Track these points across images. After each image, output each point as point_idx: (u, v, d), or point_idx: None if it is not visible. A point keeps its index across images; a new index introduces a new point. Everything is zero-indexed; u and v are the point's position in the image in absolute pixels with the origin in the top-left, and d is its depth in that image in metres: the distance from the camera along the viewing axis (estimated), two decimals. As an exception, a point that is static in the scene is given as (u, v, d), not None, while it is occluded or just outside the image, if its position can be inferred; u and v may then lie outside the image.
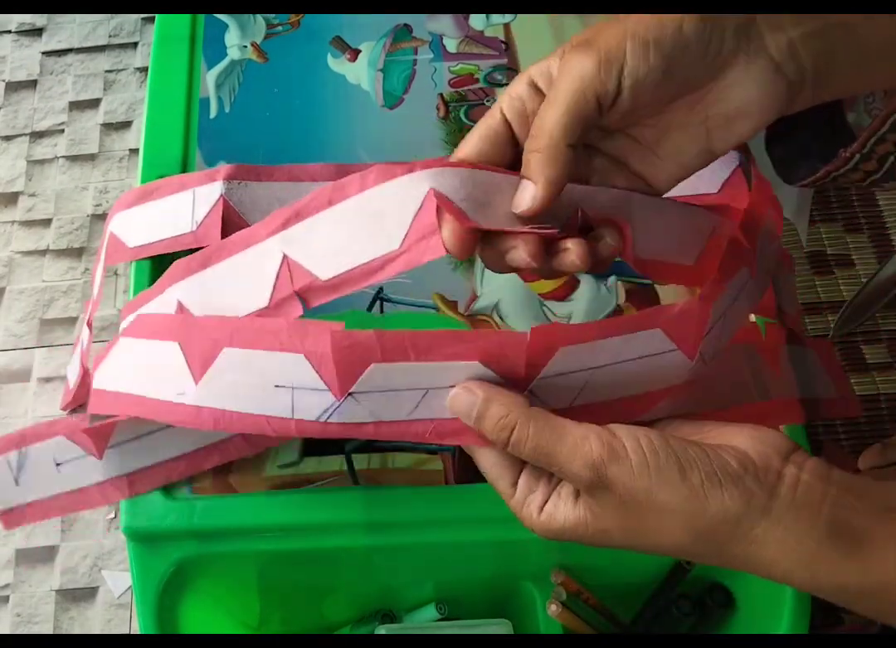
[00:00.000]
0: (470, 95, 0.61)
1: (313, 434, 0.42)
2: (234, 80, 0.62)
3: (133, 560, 0.48)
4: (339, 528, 0.48)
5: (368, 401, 0.41)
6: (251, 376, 0.42)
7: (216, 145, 0.59)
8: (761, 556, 0.36)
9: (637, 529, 0.37)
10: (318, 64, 0.63)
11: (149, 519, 0.48)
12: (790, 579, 0.36)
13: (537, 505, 0.39)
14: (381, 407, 0.41)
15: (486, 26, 0.64)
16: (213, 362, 0.43)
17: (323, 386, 0.41)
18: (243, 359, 0.42)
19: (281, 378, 0.41)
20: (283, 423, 0.42)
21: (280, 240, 0.42)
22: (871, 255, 0.86)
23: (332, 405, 0.41)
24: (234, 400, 0.43)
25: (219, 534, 0.47)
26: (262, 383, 0.42)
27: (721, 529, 0.36)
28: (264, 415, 0.42)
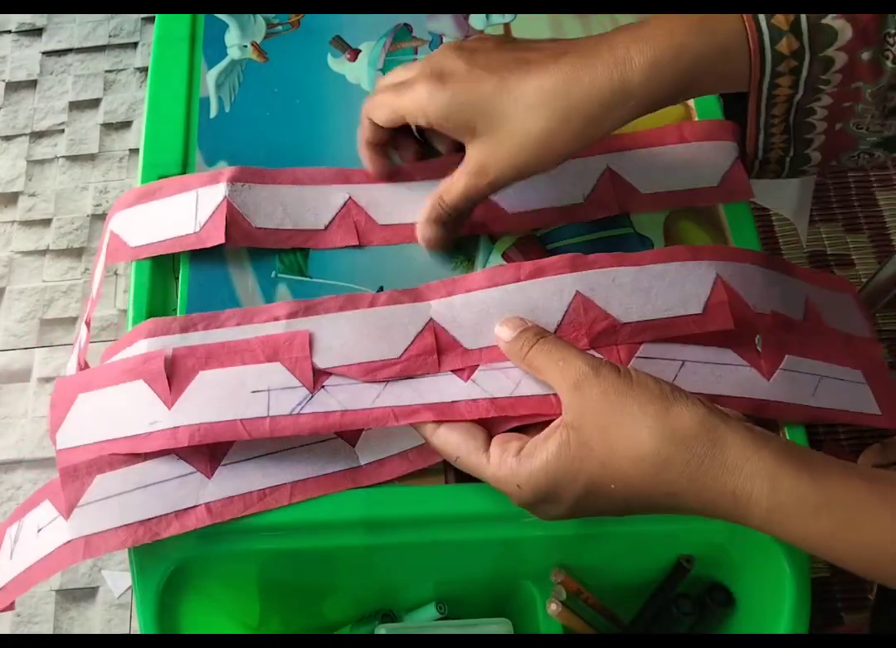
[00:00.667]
0: (470, 95, 0.61)
1: (285, 430, 0.46)
2: (234, 79, 0.62)
3: (133, 561, 0.48)
4: (338, 528, 0.48)
5: (338, 392, 0.47)
6: (228, 388, 0.47)
7: (216, 145, 0.59)
8: (723, 459, 0.40)
9: (612, 432, 0.41)
10: (318, 63, 0.63)
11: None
12: (751, 490, 0.39)
13: (515, 449, 0.44)
14: (349, 397, 0.47)
15: (486, 26, 0.64)
16: (188, 386, 0.47)
17: (297, 384, 0.47)
18: (220, 377, 0.47)
19: (258, 384, 0.47)
20: (258, 424, 0.46)
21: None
22: (871, 255, 0.86)
23: (305, 398, 0.46)
24: (210, 412, 0.46)
25: (219, 534, 0.47)
26: (239, 391, 0.47)
27: (687, 428, 0.40)
28: (238, 420, 0.46)
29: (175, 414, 0.46)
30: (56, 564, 0.46)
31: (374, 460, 0.48)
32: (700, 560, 0.53)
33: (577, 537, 0.50)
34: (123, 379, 0.48)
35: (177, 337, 0.49)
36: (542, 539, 0.50)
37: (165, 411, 0.46)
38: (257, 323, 0.49)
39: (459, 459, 0.45)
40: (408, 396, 0.47)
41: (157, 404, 0.46)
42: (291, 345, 0.48)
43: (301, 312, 0.49)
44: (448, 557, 0.52)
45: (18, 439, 0.87)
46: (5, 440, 0.87)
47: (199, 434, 0.45)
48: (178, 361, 0.47)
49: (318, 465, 0.47)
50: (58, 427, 0.48)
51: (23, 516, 0.49)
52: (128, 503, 0.46)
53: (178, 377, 0.47)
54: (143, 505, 0.45)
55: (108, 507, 0.45)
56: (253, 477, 0.47)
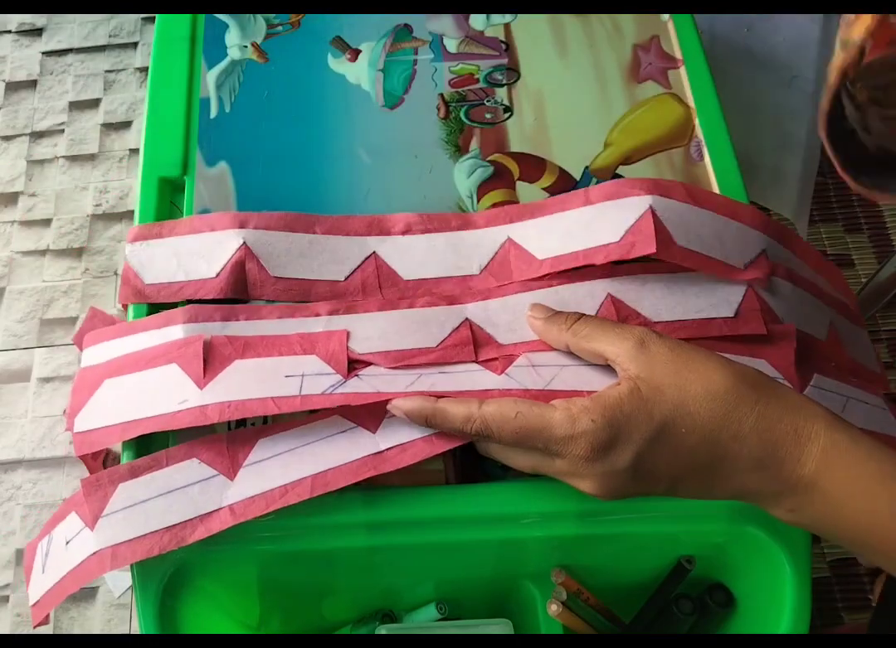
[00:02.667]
0: (470, 95, 0.61)
1: (317, 404, 0.46)
2: (234, 80, 0.62)
3: (134, 564, 0.48)
4: (339, 528, 0.48)
5: (371, 379, 0.47)
6: (262, 374, 0.47)
7: (217, 145, 0.59)
8: (787, 400, 0.43)
9: (683, 375, 0.43)
10: (319, 64, 0.63)
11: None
12: (811, 428, 0.42)
13: (582, 400, 0.44)
14: (382, 383, 0.47)
15: (486, 26, 0.64)
16: (223, 371, 0.47)
17: (331, 371, 0.47)
18: (256, 365, 0.48)
19: (292, 370, 0.47)
20: (289, 401, 0.46)
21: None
22: (871, 255, 0.86)
23: (338, 381, 0.47)
24: (242, 391, 0.46)
25: (219, 534, 0.47)
26: (272, 376, 0.47)
27: (753, 374, 0.44)
28: (270, 397, 0.46)
29: (206, 394, 0.46)
30: (85, 575, 0.46)
31: (395, 445, 0.47)
32: (700, 560, 0.53)
33: (577, 538, 0.50)
34: (157, 364, 0.48)
35: (217, 324, 0.49)
36: (543, 539, 0.50)
37: (197, 391, 0.46)
38: (299, 317, 0.50)
39: (520, 414, 0.44)
40: (441, 385, 0.47)
41: (189, 385, 0.47)
42: (329, 340, 0.49)
43: (342, 310, 0.50)
44: (448, 558, 0.52)
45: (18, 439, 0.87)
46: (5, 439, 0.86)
47: (229, 410, 0.46)
48: (215, 348, 0.48)
49: (338, 455, 0.47)
50: (77, 411, 0.48)
51: (51, 529, 0.49)
52: (152, 510, 0.45)
53: (213, 363, 0.47)
54: (167, 512, 0.45)
55: (133, 515, 0.45)
56: (275, 474, 0.46)
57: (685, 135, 0.60)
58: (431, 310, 0.51)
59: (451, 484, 0.50)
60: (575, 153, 0.59)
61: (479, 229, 0.54)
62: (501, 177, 0.58)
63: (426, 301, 0.51)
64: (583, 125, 0.60)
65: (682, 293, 0.51)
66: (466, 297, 0.51)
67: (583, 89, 0.62)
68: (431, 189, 0.57)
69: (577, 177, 0.58)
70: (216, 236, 0.53)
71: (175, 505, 0.45)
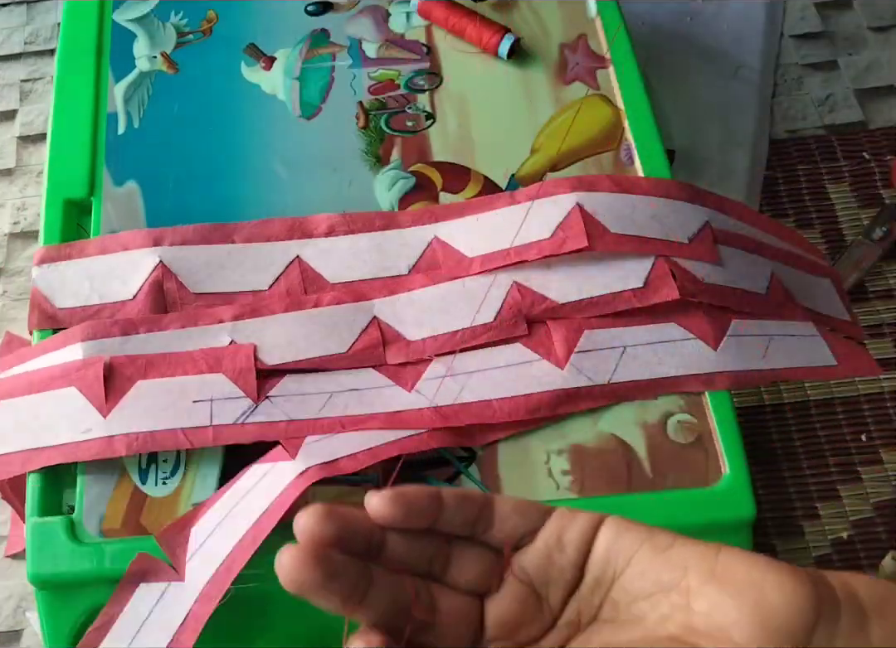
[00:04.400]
0: (391, 103, 0.58)
1: (230, 438, 0.45)
2: (143, 92, 0.59)
3: (42, 610, 0.46)
4: (265, 567, 0.46)
5: (283, 402, 0.46)
6: (169, 398, 0.46)
7: (125, 163, 0.56)
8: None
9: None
10: (232, 73, 0.60)
11: (57, 565, 0.46)
12: None
13: None
14: (294, 407, 0.46)
15: (406, 29, 0.62)
16: (126, 394, 0.46)
17: (241, 394, 0.46)
18: (160, 387, 0.46)
19: (199, 394, 0.46)
20: (201, 433, 0.45)
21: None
22: (824, 251, 0.84)
23: (250, 407, 0.46)
24: (149, 420, 0.45)
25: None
26: (180, 401, 0.46)
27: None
28: (180, 429, 0.45)
29: (111, 422, 0.45)
30: None
31: (320, 462, 0.44)
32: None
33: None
34: (54, 386, 0.46)
35: (117, 340, 0.47)
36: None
37: (100, 419, 0.45)
38: (202, 325, 0.48)
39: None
40: (353, 407, 0.47)
41: (91, 412, 0.45)
42: (236, 356, 0.47)
43: (247, 314, 0.49)
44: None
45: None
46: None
47: (138, 443, 0.45)
48: (115, 369, 0.46)
49: (267, 498, 0.44)
50: None
51: None
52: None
53: (114, 385, 0.46)
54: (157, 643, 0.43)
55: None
56: (218, 550, 0.44)
57: (615, 138, 0.57)
58: (339, 309, 0.49)
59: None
60: (500, 160, 0.56)
61: (404, 228, 0.52)
62: (424, 188, 0.55)
63: (332, 297, 0.49)
64: (508, 130, 0.58)
65: (588, 271, 0.50)
66: (373, 292, 0.50)
67: (508, 92, 0.59)
68: (351, 203, 0.55)
69: (503, 186, 0.55)
70: (130, 255, 0.51)
71: (151, 636, 0.44)
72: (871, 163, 0.76)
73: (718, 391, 0.49)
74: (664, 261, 0.50)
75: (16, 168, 0.75)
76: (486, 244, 0.51)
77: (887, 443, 0.77)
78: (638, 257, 0.50)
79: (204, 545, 0.45)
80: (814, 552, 0.61)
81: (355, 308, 0.49)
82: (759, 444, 0.77)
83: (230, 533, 0.44)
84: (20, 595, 0.61)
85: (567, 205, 0.51)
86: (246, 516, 0.44)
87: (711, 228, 0.52)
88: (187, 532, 0.45)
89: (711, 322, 0.50)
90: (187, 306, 0.50)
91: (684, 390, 0.49)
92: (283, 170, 0.56)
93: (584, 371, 0.48)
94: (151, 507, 0.46)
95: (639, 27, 0.84)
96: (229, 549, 0.44)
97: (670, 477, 0.47)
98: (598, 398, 0.48)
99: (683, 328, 0.49)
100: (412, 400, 0.47)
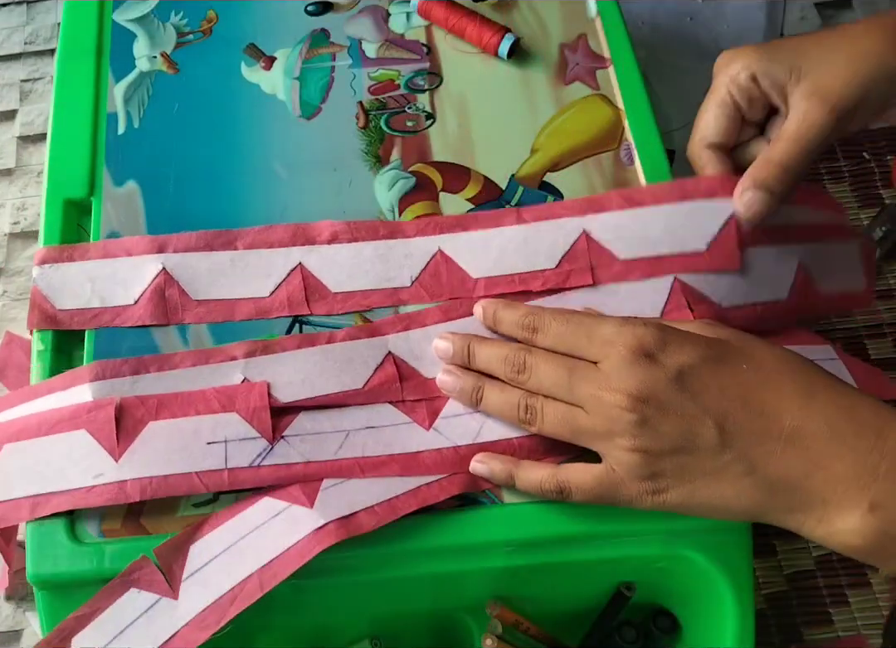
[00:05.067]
0: (391, 103, 0.58)
1: (246, 482, 0.45)
2: (143, 92, 0.59)
3: (42, 610, 0.46)
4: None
5: (299, 443, 0.46)
6: (182, 440, 0.45)
7: (125, 164, 0.56)
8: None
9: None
10: (232, 73, 0.60)
11: (56, 565, 0.46)
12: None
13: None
14: (311, 448, 0.46)
15: (406, 29, 0.61)
16: (137, 437, 0.45)
17: (256, 434, 0.45)
18: (172, 428, 0.46)
19: (213, 435, 0.45)
20: (216, 476, 0.45)
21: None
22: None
23: (265, 449, 0.45)
24: (162, 465, 0.45)
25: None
26: (193, 443, 0.45)
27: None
28: (195, 472, 0.45)
29: (123, 467, 0.45)
30: None
31: (337, 517, 0.44)
32: (643, 586, 0.51)
33: (511, 569, 0.48)
34: (64, 429, 0.46)
35: (127, 380, 0.47)
36: (477, 571, 0.48)
37: (112, 463, 0.45)
38: (213, 364, 0.48)
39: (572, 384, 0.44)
40: (371, 447, 0.46)
41: (102, 456, 0.45)
42: (249, 395, 0.46)
43: (259, 351, 0.48)
44: (381, 593, 0.50)
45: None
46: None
47: (152, 488, 0.44)
48: (125, 411, 0.46)
49: (279, 541, 0.44)
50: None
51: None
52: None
53: (125, 428, 0.45)
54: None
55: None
56: (219, 579, 0.44)
57: (615, 138, 0.57)
58: (353, 344, 0.49)
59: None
60: (500, 160, 0.56)
61: (408, 238, 0.52)
62: (424, 188, 0.55)
63: (346, 334, 0.49)
64: (508, 130, 0.58)
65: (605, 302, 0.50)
66: (387, 327, 0.50)
67: (508, 93, 0.59)
68: (351, 203, 0.55)
69: (503, 186, 0.55)
70: (133, 261, 0.51)
71: (132, 643, 0.43)
72: (871, 163, 0.76)
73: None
74: (680, 290, 0.50)
75: (16, 168, 0.75)
76: (491, 266, 0.51)
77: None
78: (654, 285, 0.50)
79: (203, 570, 0.44)
80: (814, 552, 0.61)
81: (369, 344, 0.49)
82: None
83: (235, 567, 0.44)
84: (20, 595, 0.61)
85: (574, 232, 0.51)
86: (254, 554, 0.44)
87: (736, 224, 0.51)
88: (186, 549, 0.45)
89: None
90: (188, 312, 0.50)
91: None
92: (282, 170, 0.56)
93: None
94: (152, 508, 0.46)
95: (639, 27, 0.83)
96: (232, 584, 0.44)
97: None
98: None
99: None
100: (430, 439, 0.47)
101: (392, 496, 0.45)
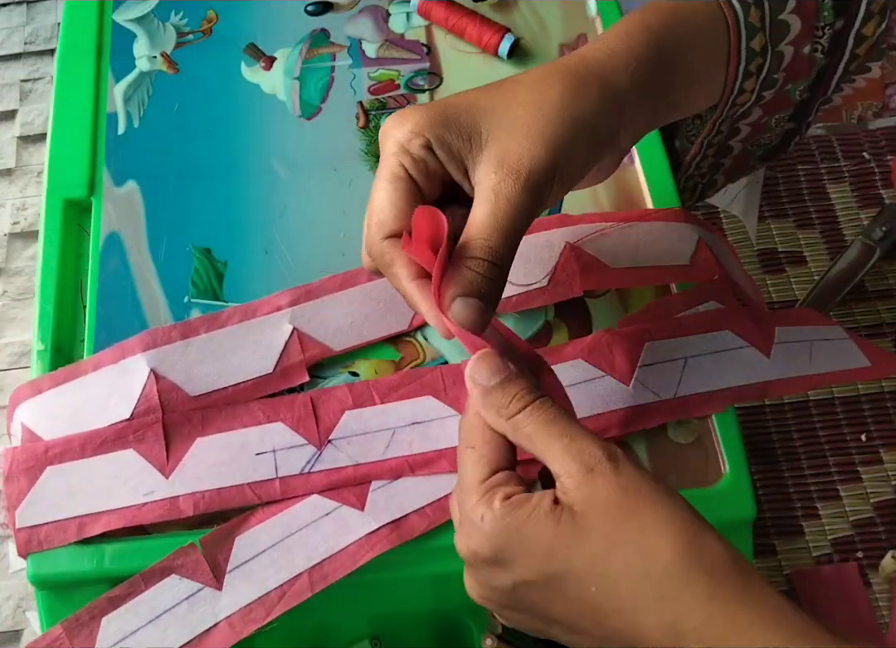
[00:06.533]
0: (391, 102, 0.58)
1: (298, 489, 0.45)
2: (143, 92, 0.59)
3: (42, 610, 0.46)
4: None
5: (346, 446, 0.46)
6: (230, 453, 0.46)
7: (125, 163, 0.56)
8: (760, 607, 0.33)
9: (623, 535, 0.33)
10: (232, 73, 0.60)
11: (57, 565, 0.46)
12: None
13: (504, 494, 0.35)
14: (358, 449, 0.46)
15: (406, 29, 0.61)
16: (186, 453, 0.46)
17: (303, 441, 0.46)
18: (220, 442, 0.46)
19: (261, 446, 0.46)
20: (267, 486, 0.45)
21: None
22: (824, 251, 0.84)
23: (314, 455, 0.45)
24: (213, 478, 0.45)
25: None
26: (242, 455, 0.45)
27: (717, 556, 0.33)
28: (246, 484, 0.45)
29: (174, 483, 0.45)
30: None
31: (390, 521, 0.45)
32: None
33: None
34: (108, 449, 0.46)
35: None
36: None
37: (163, 480, 0.45)
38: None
39: (464, 466, 0.38)
40: (418, 444, 0.46)
41: (152, 474, 0.45)
42: (293, 405, 0.47)
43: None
44: (382, 594, 0.50)
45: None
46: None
47: (205, 501, 0.44)
48: (172, 428, 0.46)
49: (330, 542, 0.44)
50: (18, 503, 0.45)
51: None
52: (146, 640, 0.43)
53: (173, 445, 0.46)
54: (163, 639, 0.43)
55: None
56: (266, 575, 0.44)
57: (615, 138, 0.57)
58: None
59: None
60: (501, 161, 0.56)
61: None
62: (423, 188, 0.55)
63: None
64: (509, 131, 0.57)
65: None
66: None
67: (508, 93, 0.59)
68: (351, 203, 0.55)
69: (503, 186, 0.55)
70: (115, 370, 0.48)
71: (169, 629, 0.43)
72: (871, 163, 0.76)
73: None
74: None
75: (16, 168, 0.75)
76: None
77: (887, 443, 0.77)
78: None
79: (249, 563, 0.44)
80: (814, 552, 0.61)
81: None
82: (759, 444, 0.78)
83: (283, 564, 0.44)
84: (20, 596, 0.61)
85: (557, 245, 0.51)
86: (303, 553, 0.44)
87: (705, 242, 0.52)
88: (232, 540, 0.45)
89: (760, 329, 0.49)
90: (191, 411, 0.47)
91: (743, 401, 0.48)
92: (282, 170, 0.56)
93: (649, 386, 0.47)
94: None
95: (639, 27, 0.83)
96: (280, 581, 0.44)
97: (670, 476, 0.47)
98: (667, 414, 0.47)
99: (737, 335, 0.49)
100: None
101: (441, 495, 0.45)
